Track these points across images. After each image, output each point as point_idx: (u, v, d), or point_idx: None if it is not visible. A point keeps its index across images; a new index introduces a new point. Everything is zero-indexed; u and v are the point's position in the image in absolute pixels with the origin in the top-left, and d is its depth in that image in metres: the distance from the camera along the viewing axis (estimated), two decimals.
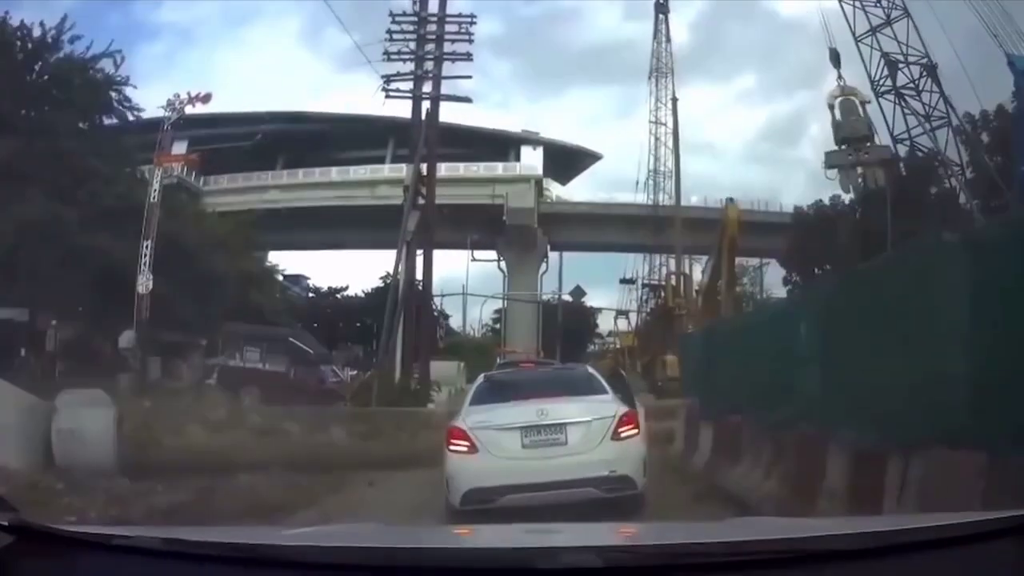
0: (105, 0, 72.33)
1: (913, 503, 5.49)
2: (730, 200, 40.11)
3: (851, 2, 33.78)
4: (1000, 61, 30.07)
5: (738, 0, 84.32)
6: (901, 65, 32.71)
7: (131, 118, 30.52)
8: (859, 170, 35.02)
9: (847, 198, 38.01)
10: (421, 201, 22.63)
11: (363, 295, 68.04)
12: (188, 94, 30.93)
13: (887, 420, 6.30)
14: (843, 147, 36.18)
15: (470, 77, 23.62)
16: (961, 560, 2.06)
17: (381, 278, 58.45)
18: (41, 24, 27.90)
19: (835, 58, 37.17)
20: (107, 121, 30.39)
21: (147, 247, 27.11)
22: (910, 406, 5.91)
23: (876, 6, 33.21)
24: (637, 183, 58.27)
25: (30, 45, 27.73)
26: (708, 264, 41.51)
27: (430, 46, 23.48)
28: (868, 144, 35.86)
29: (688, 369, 17.87)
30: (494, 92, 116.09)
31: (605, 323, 68.32)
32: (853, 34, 33.79)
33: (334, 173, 59.63)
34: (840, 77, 36.97)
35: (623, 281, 59.61)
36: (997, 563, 2.06)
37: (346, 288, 72.40)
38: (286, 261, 58.07)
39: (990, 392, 4.98)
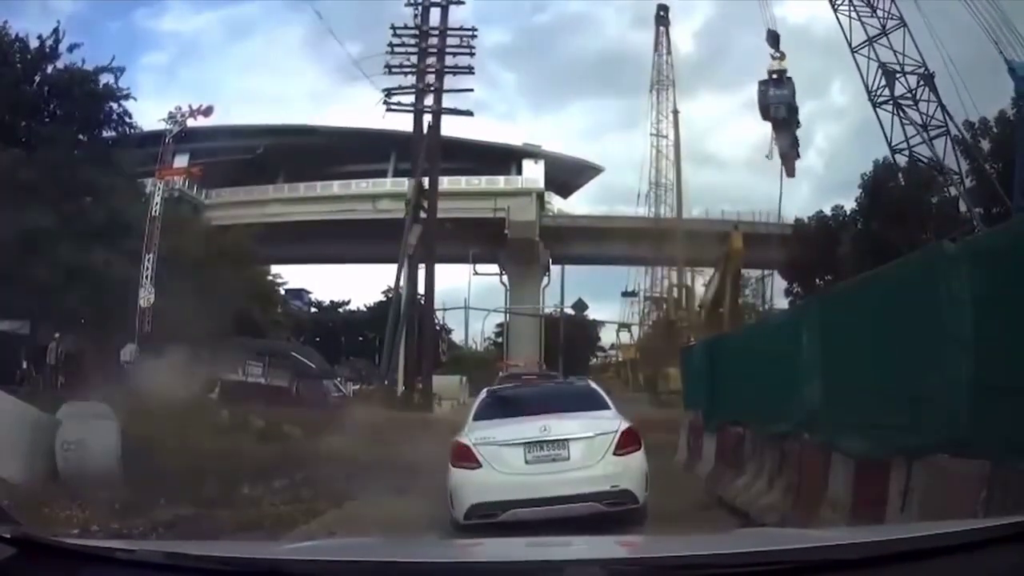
0: (106, 12, 72.34)
1: (916, 512, 5.47)
2: (735, 227, 39.85)
3: (847, 13, 33.83)
4: (1002, 66, 30.04)
5: (745, 9, 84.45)
6: (898, 75, 32.66)
7: (131, 132, 30.54)
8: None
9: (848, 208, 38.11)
10: (423, 215, 22.62)
11: (365, 309, 68.38)
12: (190, 107, 31.09)
13: (889, 429, 6.28)
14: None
15: (472, 90, 23.68)
16: (964, 567, 2.06)
17: (383, 292, 58.84)
18: (38, 37, 27.98)
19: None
20: (107, 134, 30.40)
21: (149, 260, 27.09)
22: (912, 415, 5.89)
23: (872, 16, 33.21)
24: (639, 195, 58.34)
25: (29, 56, 27.71)
26: (711, 284, 41.13)
27: (431, 59, 23.50)
28: None
29: (689, 381, 17.81)
30: (499, 103, 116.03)
31: (607, 336, 68.39)
32: (849, 45, 33.84)
33: (336, 187, 59.74)
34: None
35: (625, 294, 59.80)
36: (1000, 570, 2.06)
37: (348, 302, 72.94)
38: (288, 275, 58.22)
39: (992, 399, 4.97)
